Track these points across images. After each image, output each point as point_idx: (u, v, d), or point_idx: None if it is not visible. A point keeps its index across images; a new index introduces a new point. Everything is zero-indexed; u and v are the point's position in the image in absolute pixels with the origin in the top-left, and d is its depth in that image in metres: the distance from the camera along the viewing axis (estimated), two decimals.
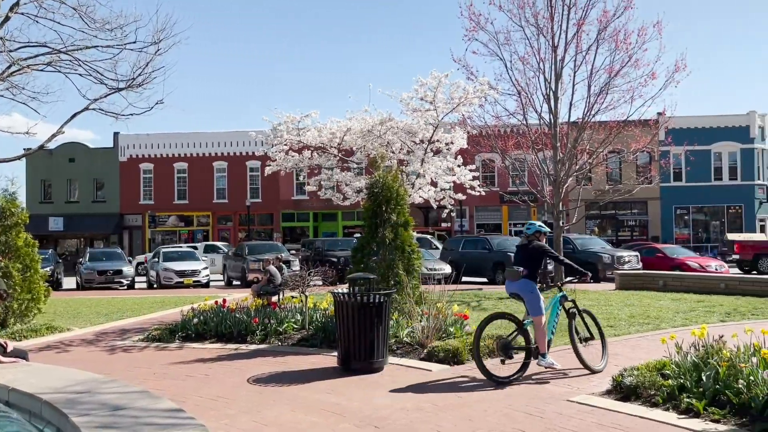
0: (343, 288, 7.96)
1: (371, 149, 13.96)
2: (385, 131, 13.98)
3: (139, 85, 12.23)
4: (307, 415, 5.84)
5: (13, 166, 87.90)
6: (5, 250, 11.96)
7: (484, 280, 22.55)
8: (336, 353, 8.00)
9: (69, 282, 27.14)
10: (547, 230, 7.71)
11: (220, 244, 34.62)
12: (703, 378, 5.60)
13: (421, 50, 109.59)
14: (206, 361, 8.48)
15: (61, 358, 9.03)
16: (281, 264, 14.32)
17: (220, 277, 28.09)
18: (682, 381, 5.71)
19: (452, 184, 14.99)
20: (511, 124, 18.71)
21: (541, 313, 7.17)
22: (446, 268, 20.01)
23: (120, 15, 15.68)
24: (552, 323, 7.38)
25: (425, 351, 8.14)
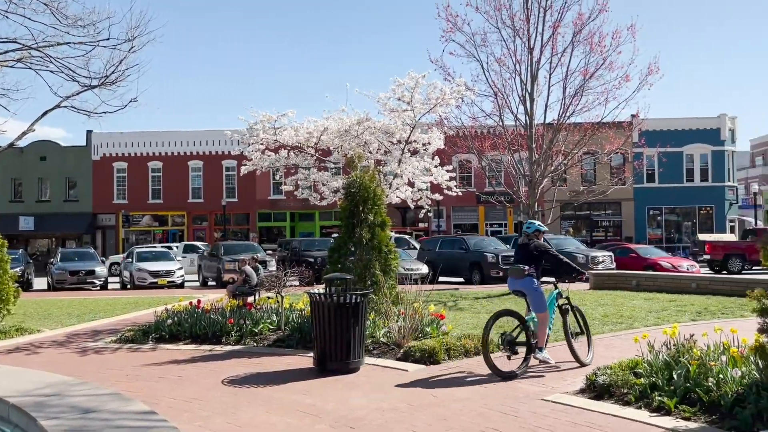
0: (320, 288, 7.93)
1: (348, 149, 13.95)
2: (362, 131, 13.98)
3: (113, 82, 12.01)
4: (282, 416, 5.80)
5: None
6: None
7: (461, 280, 22.66)
8: (312, 354, 7.97)
9: (40, 283, 26.64)
10: (546, 229, 8.04)
11: (200, 244, 34.25)
12: (675, 376, 5.70)
13: (398, 51, 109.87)
14: (180, 362, 8.38)
15: (31, 360, 8.85)
16: (257, 264, 14.22)
17: (195, 277, 27.81)
18: (654, 379, 5.80)
19: (429, 185, 15.06)
20: (488, 125, 18.84)
21: (546, 309, 7.39)
22: (423, 268, 20.07)
23: (93, 11, 15.34)
24: (551, 319, 7.61)
25: (402, 351, 8.15)
